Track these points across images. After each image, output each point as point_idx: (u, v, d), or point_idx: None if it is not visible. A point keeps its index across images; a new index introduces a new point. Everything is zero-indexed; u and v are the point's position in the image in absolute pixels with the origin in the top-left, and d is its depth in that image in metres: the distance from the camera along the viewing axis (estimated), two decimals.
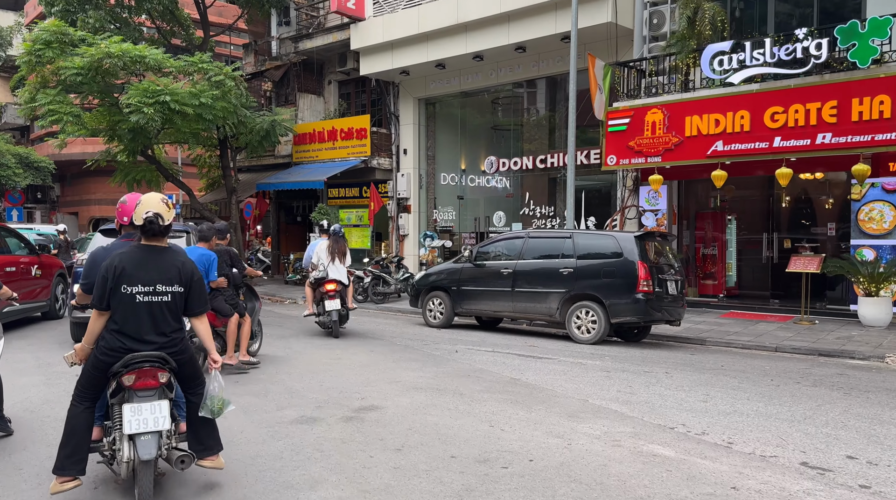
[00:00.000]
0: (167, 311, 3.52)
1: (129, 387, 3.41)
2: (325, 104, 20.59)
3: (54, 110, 14.75)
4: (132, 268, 3.47)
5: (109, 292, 3.45)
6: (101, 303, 3.48)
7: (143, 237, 3.58)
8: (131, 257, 3.51)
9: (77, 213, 30.48)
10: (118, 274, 3.43)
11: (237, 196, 18.77)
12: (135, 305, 3.44)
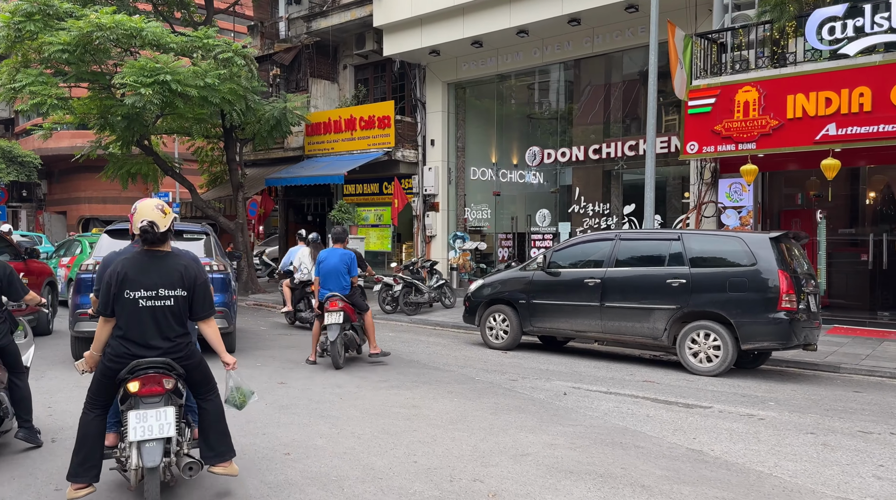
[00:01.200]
0: (170, 315, 3.53)
1: (135, 394, 3.41)
2: (340, 91, 18.65)
3: (36, 92, 12.77)
4: (134, 273, 3.50)
5: (113, 298, 3.48)
6: (107, 309, 3.51)
7: (144, 244, 3.57)
8: (133, 263, 3.55)
9: (65, 212, 28.43)
10: (121, 280, 3.47)
11: (244, 193, 16.81)
12: (138, 310, 3.47)
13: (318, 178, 15.90)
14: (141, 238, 3.53)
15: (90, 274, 7.60)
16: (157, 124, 14.73)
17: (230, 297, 8.70)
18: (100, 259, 7.95)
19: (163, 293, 3.48)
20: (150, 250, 3.57)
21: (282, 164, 18.86)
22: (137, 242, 3.82)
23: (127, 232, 8.43)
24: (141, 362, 3.42)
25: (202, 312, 3.62)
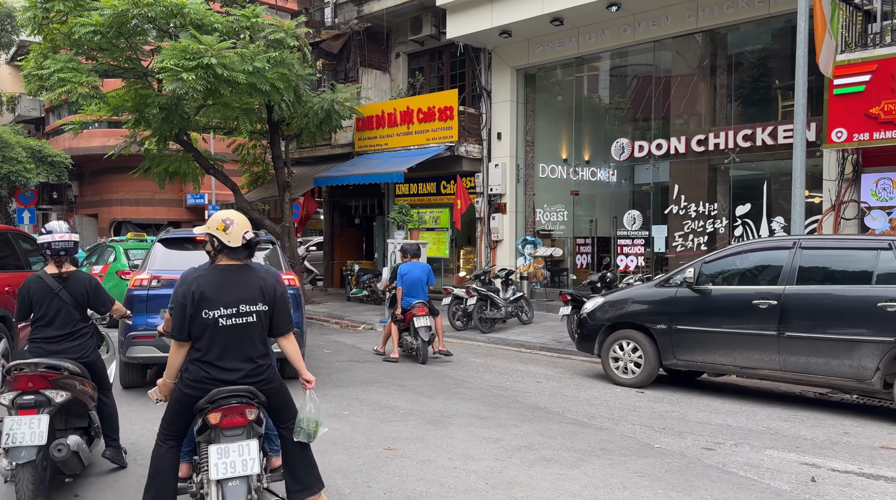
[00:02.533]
0: (253, 333, 3.29)
1: (216, 425, 3.16)
2: (392, 82, 17.03)
3: (66, 79, 11.31)
4: (212, 291, 3.22)
5: (190, 320, 3.21)
6: (182, 333, 3.24)
7: (226, 257, 3.32)
8: (209, 280, 3.26)
9: (97, 215, 27.31)
10: (197, 299, 3.19)
11: (290, 193, 15.25)
12: (217, 330, 3.21)
13: (373, 176, 14.27)
14: (245, 251, 3.36)
15: (144, 290, 6.61)
16: (197, 116, 13.23)
17: (301, 315, 7.28)
18: (157, 273, 6.72)
19: (244, 309, 3.25)
20: (225, 265, 3.34)
21: (328, 162, 17.32)
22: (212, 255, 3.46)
23: (183, 241, 7.09)
24: (222, 391, 3.17)
25: (283, 326, 3.39)
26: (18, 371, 3.91)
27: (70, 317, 4.22)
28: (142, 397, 6.46)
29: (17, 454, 3.69)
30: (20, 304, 4.23)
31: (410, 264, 9.24)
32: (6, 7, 23.71)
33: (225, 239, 3.29)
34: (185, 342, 3.25)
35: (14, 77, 30.64)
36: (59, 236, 4.20)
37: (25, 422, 3.73)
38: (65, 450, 3.83)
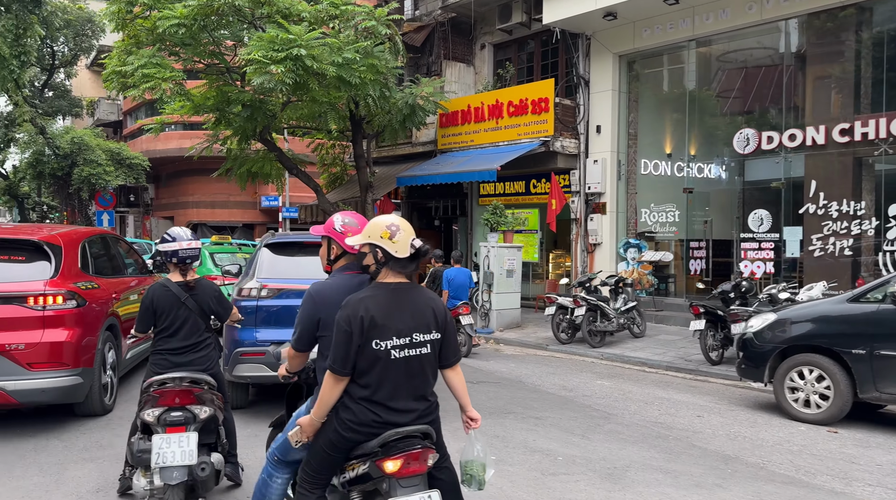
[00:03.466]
0: (427, 366, 2.74)
1: (392, 474, 2.62)
2: (477, 74, 16.07)
3: (150, 75, 10.78)
4: (383, 316, 2.64)
5: (357, 352, 2.62)
6: (346, 366, 2.64)
7: (392, 272, 2.71)
8: (379, 303, 2.66)
9: (172, 217, 27.43)
10: (367, 327, 2.61)
11: (373, 194, 14.46)
12: (389, 363, 2.65)
13: (462, 175, 13.32)
14: (413, 264, 2.74)
15: (253, 301, 5.93)
16: (282, 113, 12.58)
17: None
18: (267, 282, 6.03)
19: (418, 339, 2.70)
20: (394, 284, 2.71)
21: (408, 161, 16.50)
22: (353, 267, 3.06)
23: (291, 246, 6.30)
24: (398, 432, 2.63)
25: (452, 356, 2.84)
26: (161, 386, 3.71)
27: (196, 327, 4.05)
28: (245, 417, 5.94)
29: (169, 475, 3.52)
30: (143, 314, 4.01)
31: (456, 269, 10.11)
32: (86, 12, 23.97)
33: (392, 249, 2.68)
34: (345, 377, 2.68)
35: (93, 82, 31.25)
36: (185, 244, 4.02)
37: (174, 440, 3.58)
38: (208, 469, 3.66)
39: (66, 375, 5.33)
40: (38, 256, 5.60)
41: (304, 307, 2.97)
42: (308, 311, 2.94)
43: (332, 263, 3.18)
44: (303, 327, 2.94)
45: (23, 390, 5.14)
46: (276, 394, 6.89)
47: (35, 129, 19.71)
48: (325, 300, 2.92)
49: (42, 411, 6.01)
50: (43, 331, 5.26)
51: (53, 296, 5.35)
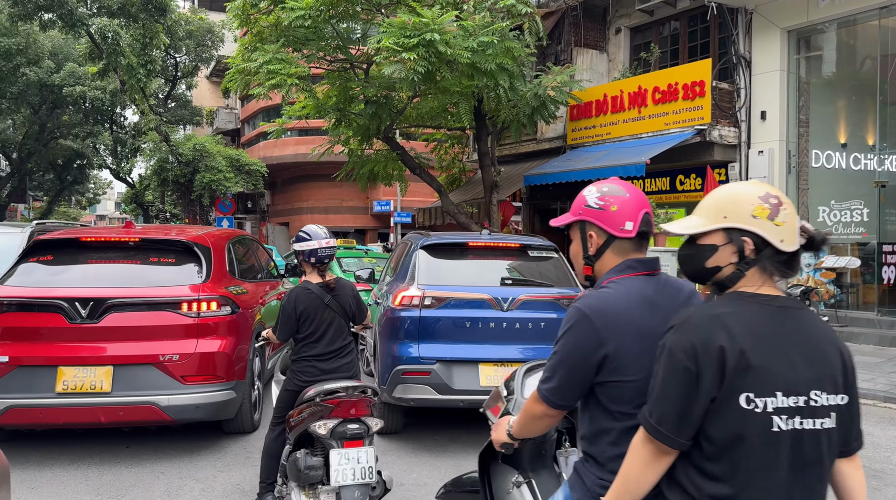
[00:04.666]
0: (827, 453, 1.53)
1: None
2: (610, 61, 14.63)
3: (275, 71, 10.22)
4: (762, 354, 1.48)
5: (707, 408, 1.49)
6: (683, 431, 1.51)
7: (762, 277, 1.57)
8: (752, 327, 1.50)
9: (287, 223, 27.68)
10: (733, 366, 1.46)
11: (497, 194, 13.36)
12: (769, 440, 1.48)
13: (604, 170, 11.89)
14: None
15: (415, 311, 5.19)
16: (408, 109, 11.77)
17: None
18: (429, 289, 5.21)
19: (820, 401, 1.50)
20: (778, 301, 1.54)
21: (533, 159, 15.30)
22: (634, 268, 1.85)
23: (451, 248, 5.45)
24: None
25: (856, 439, 1.61)
26: (329, 395, 3.39)
27: (341, 330, 3.82)
28: (396, 443, 5.26)
29: (351, 494, 3.27)
30: (286, 320, 3.72)
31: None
32: (207, 22, 24.52)
33: (775, 236, 1.55)
34: (674, 450, 1.55)
35: (212, 92, 32.34)
36: (324, 242, 3.77)
37: (353, 456, 3.30)
38: (380, 488, 3.38)
39: (220, 389, 4.77)
40: (187, 258, 5.07)
41: (572, 337, 1.75)
42: (582, 342, 1.73)
43: (593, 260, 1.94)
44: (571, 369, 1.75)
45: (177, 406, 4.58)
46: (426, 416, 5.93)
47: (160, 137, 20.18)
48: (615, 323, 1.73)
49: (178, 430, 5.38)
50: (197, 340, 4.71)
51: (207, 302, 4.80)
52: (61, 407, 4.46)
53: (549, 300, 5.41)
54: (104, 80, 20.49)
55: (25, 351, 4.53)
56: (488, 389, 5.06)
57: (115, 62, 17.78)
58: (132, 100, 19.19)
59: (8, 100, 23.36)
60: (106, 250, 5.09)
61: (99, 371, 4.52)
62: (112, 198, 75.28)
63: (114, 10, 17.32)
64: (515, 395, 2.05)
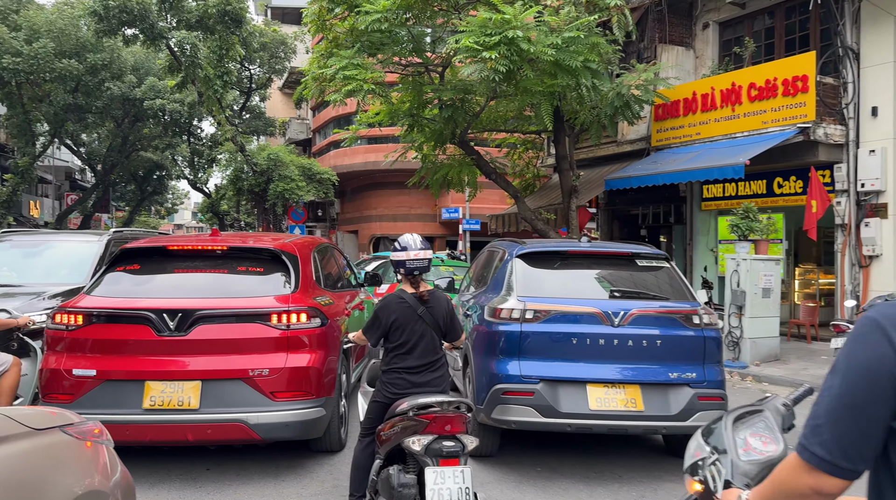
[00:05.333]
0: None
1: None
2: (697, 58, 13.83)
3: (350, 77, 10.01)
4: None
5: None
6: None
7: None
8: None
9: (357, 231, 27.80)
10: None
11: (577, 199, 12.76)
12: None
13: (696, 172, 11.16)
14: None
15: (515, 325, 4.74)
16: (486, 111, 11.38)
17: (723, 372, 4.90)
18: (530, 301, 4.75)
19: None
20: None
21: (613, 162, 14.64)
22: None
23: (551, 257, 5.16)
24: None
25: None
26: (423, 410, 3.24)
27: (432, 343, 3.69)
28: (492, 467, 4.93)
29: None
30: (375, 326, 3.65)
31: None
32: (280, 34, 24.91)
33: None
34: None
35: (284, 103, 32.97)
36: (412, 254, 3.63)
37: (449, 475, 3.15)
38: None
39: (310, 406, 4.48)
40: (274, 267, 4.83)
41: (860, 357, 1.22)
42: (875, 365, 1.19)
43: None
44: (857, 409, 1.21)
45: (266, 424, 4.30)
46: (526, 438, 5.46)
47: (235, 147, 20.53)
48: None
49: (260, 448, 5.10)
50: (287, 354, 4.43)
51: (297, 313, 4.51)
52: (148, 424, 4.23)
53: (665, 315, 4.87)
54: (182, 92, 21.04)
55: (112, 365, 4.33)
56: (599, 412, 4.57)
57: (192, 74, 18.17)
58: (209, 111, 19.58)
59: (94, 114, 24.36)
60: (193, 259, 4.90)
61: (187, 386, 4.29)
62: (189, 207, 78.31)
63: (192, 22, 17.72)
64: (730, 454, 1.56)
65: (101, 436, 2.66)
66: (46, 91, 22.99)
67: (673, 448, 5.36)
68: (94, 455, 2.52)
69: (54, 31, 21.20)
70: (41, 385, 4.46)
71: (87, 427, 2.60)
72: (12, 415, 2.25)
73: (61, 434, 2.42)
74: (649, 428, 4.80)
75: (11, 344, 4.73)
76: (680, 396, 4.70)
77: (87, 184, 35.00)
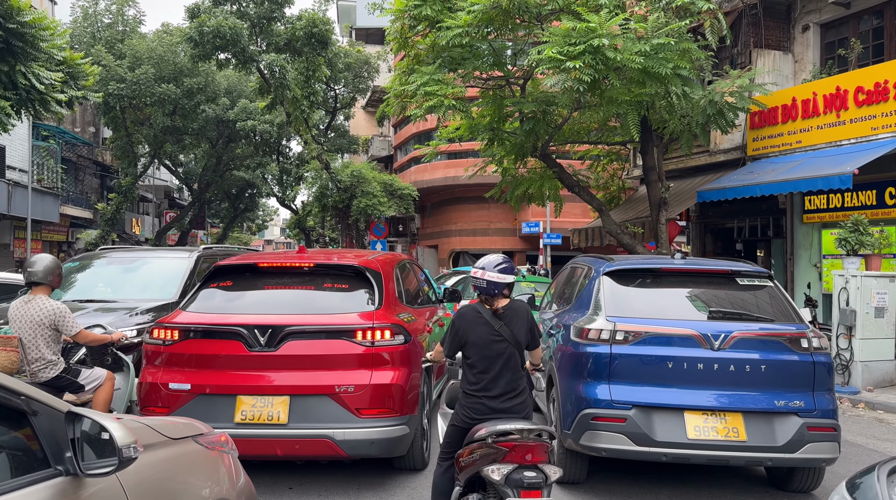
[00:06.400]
0: None
1: None
2: (796, 62, 13.01)
3: (431, 93, 10.01)
4: None
5: None
6: None
7: None
8: None
9: (437, 246, 27.91)
10: None
11: (666, 211, 12.21)
12: None
13: (799, 182, 10.43)
14: None
15: (604, 346, 4.50)
16: (569, 122, 11.13)
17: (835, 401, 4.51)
18: (620, 322, 4.50)
19: None
20: None
21: (704, 173, 13.98)
22: None
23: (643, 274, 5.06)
24: None
25: None
26: (502, 437, 3.09)
27: (512, 364, 3.51)
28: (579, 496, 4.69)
29: None
30: (451, 337, 3.54)
31: None
32: (364, 54, 25.51)
33: None
34: None
35: (368, 121, 33.72)
36: (485, 274, 3.47)
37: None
38: None
39: (395, 423, 4.46)
40: (358, 283, 4.87)
41: None
42: None
43: None
44: None
45: (352, 441, 4.29)
46: (615, 465, 5.15)
47: (321, 165, 21.08)
48: None
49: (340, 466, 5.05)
50: (372, 371, 4.43)
51: (381, 330, 4.51)
52: (240, 438, 4.28)
53: (770, 338, 4.48)
54: (272, 113, 21.84)
55: (206, 379, 4.44)
56: (697, 442, 4.23)
57: (281, 96, 18.83)
58: (296, 131, 20.21)
59: (190, 135, 25.71)
60: (281, 276, 4.99)
61: (276, 401, 4.34)
62: (278, 224, 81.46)
63: (281, 45, 18.39)
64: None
65: (226, 445, 2.74)
66: (147, 115, 24.48)
67: (777, 481, 4.95)
68: (221, 464, 2.60)
69: (154, 57, 22.60)
70: (140, 398, 4.60)
71: (214, 437, 2.68)
72: (152, 425, 2.34)
73: (193, 444, 2.50)
74: (753, 460, 4.41)
75: (106, 359, 4.90)
76: (787, 425, 4.32)
77: (184, 202, 36.97)
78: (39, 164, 21.87)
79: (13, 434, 1.84)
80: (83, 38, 23.45)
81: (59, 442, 1.85)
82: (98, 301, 6.48)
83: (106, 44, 23.24)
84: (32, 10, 10.98)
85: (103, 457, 1.88)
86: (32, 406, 1.84)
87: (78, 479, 1.87)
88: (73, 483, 1.86)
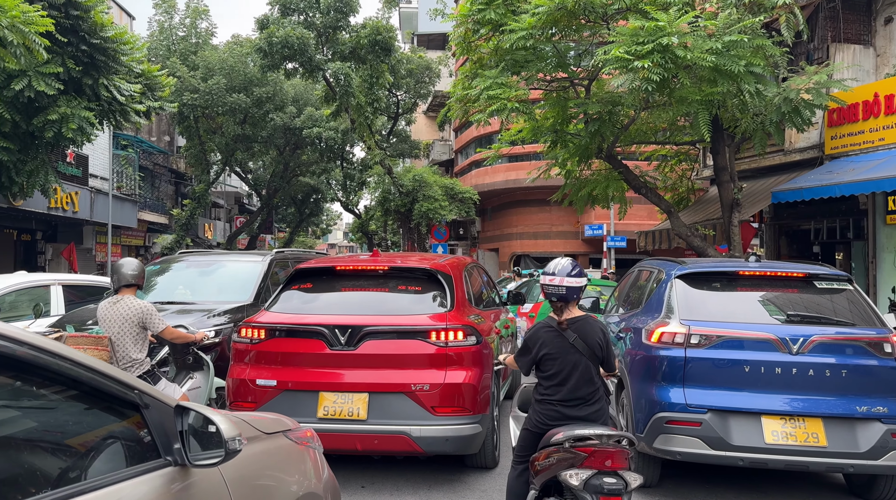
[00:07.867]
0: None
1: None
2: (878, 56, 12.41)
3: (494, 97, 10.04)
4: None
5: None
6: None
7: None
8: None
9: (497, 249, 27.90)
10: None
11: (739, 213, 11.82)
12: None
13: (882, 181, 9.94)
14: None
15: (679, 350, 4.47)
16: (637, 122, 10.95)
17: None
18: (697, 326, 4.43)
19: None
20: None
21: (778, 173, 13.47)
22: None
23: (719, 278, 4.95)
24: None
25: None
26: (579, 442, 3.09)
27: (587, 374, 3.47)
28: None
29: None
30: (524, 355, 3.56)
31: None
32: (425, 60, 25.79)
33: None
34: None
35: (429, 126, 34.05)
36: (548, 280, 3.48)
37: None
38: None
39: (468, 422, 4.60)
40: (430, 286, 5.06)
41: None
42: None
43: None
44: None
45: (428, 438, 4.46)
46: (690, 469, 5.05)
47: (383, 170, 21.42)
48: None
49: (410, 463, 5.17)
50: (445, 371, 4.59)
51: (454, 331, 4.67)
52: (322, 433, 4.45)
53: (851, 342, 4.33)
54: (337, 120, 22.35)
55: (290, 376, 4.65)
56: (775, 447, 4.13)
57: (346, 103, 19.25)
58: (360, 137, 20.62)
59: (259, 143, 26.58)
60: (358, 278, 5.19)
61: (356, 398, 4.53)
62: (341, 228, 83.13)
63: (346, 54, 18.81)
64: None
65: (312, 440, 2.83)
66: (219, 124, 25.47)
67: (857, 489, 4.78)
68: (308, 458, 2.68)
69: (226, 68, 23.50)
70: (228, 394, 4.85)
71: (301, 432, 2.79)
72: (248, 420, 2.45)
73: (284, 439, 2.59)
74: (833, 466, 4.28)
75: (187, 358, 5.14)
76: (870, 432, 4.18)
77: (254, 207, 38.22)
78: (119, 172, 23.05)
79: (128, 426, 1.96)
80: (159, 51, 24.61)
81: (168, 434, 1.96)
82: (178, 303, 6.72)
83: (180, 56, 24.32)
84: (114, 25, 11.61)
85: (208, 449, 1.97)
86: (144, 399, 1.95)
87: (185, 469, 1.96)
88: (181, 473, 1.96)
